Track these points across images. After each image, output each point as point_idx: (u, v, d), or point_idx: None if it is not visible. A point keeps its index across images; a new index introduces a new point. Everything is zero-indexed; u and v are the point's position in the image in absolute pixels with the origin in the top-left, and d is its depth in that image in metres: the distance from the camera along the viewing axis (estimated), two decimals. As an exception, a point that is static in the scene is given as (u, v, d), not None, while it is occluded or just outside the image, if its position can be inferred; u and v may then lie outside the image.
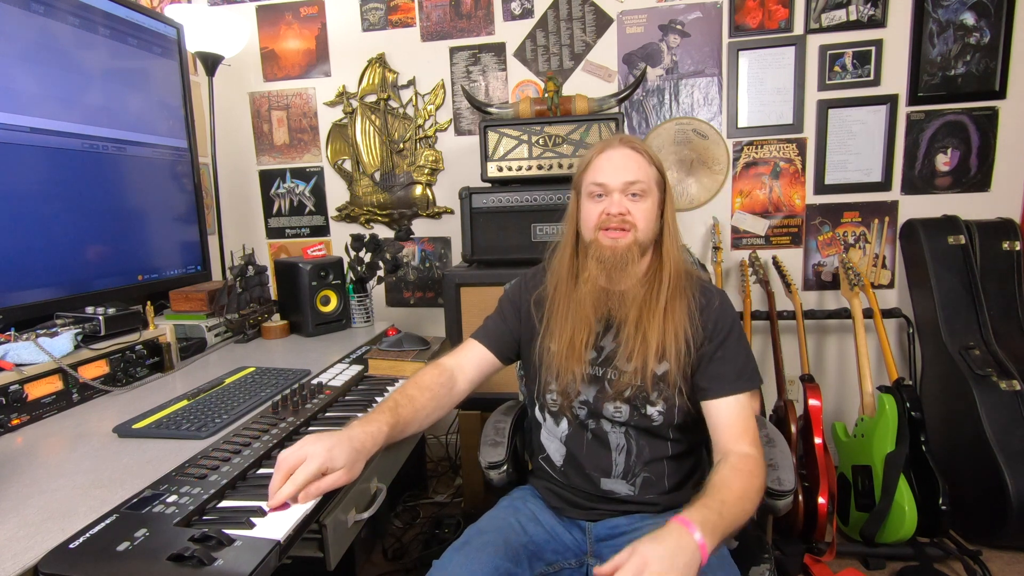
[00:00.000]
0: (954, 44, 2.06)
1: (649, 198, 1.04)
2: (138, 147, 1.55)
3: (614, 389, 1.06)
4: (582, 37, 2.26)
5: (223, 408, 1.10)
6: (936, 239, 2.05)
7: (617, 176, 1.03)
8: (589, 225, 1.06)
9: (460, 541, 0.98)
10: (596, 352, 1.09)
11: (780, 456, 1.11)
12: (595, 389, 1.08)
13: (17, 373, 1.06)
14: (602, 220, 1.03)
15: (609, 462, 1.08)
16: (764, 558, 1.04)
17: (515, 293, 1.21)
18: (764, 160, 2.23)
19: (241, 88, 2.50)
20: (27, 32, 1.25)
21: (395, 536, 1.98)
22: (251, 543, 0.69)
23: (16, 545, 0.68)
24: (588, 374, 1.08)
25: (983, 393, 1.81)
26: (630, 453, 1.08)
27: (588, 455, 1.09)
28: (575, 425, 1.11)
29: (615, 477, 1.08)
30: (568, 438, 1.12)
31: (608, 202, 1.03)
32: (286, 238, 2.60)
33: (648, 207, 1.04)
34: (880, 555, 1.76)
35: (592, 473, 1.09)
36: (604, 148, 1.08)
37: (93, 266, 1.42)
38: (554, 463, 1.14)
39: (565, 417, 1.12)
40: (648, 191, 1.04)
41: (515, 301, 1.20)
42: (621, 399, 1.06)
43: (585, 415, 1.09)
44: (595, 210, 1.05)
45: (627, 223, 1.02)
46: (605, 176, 1.04)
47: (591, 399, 1.08)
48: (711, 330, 1.04)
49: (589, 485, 1.09)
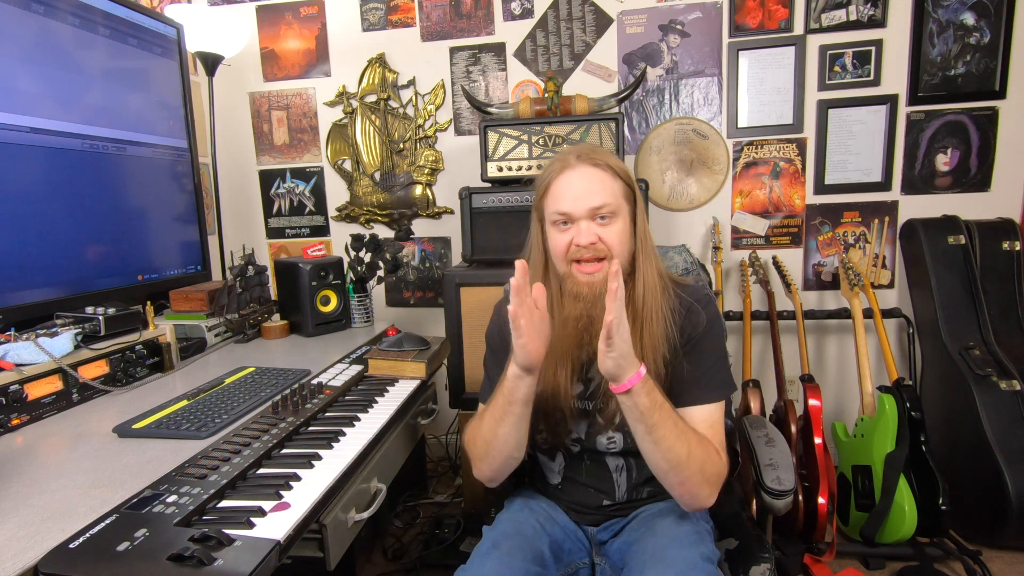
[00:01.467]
0: (954, 44, 2.06)
1: (619, 218, 0.95)
2: (138, 147, 1.55)
3: (604, 419, 1.02)
4: (582, 37, 2.26)
5: (223, 408, 1.10)
6: (936, 239, 2.05)
7: (580, 203, 0.94)
8: (559, 256, 0.98)
9: (487, 544, 0.97)
10: (583, 385, 1.04)
11: (779, 456, 1.12)
12: (586, 423, 1.05)
13: (17, 373, 1.06)
14: (572, 252, 0.95)
15: (611, 484, 1.07)
16: (764, 557, 1.04)
17: (496, 321, 1.13)
18: (764, 160, 2.23)
19: (241, 88, 2.50)
20: (27, 32, 1.25)
21: (395, 536, 1.98)
22: (251, 543, 0.69)
23: (16, 545, 0.67)
24: (577, 409, 1.04)
25: (983, 393, 1.81)
26: (631, 473, 1.07)
27: (588, 479, 1.08)
28: (570, 458, 1.09)
29: (619, 499, 1.08)
30: (565, 469, 1.10)
31: (575, 231, 0.94)
32: (286, 238, 2.60)
33: (620, 228, 0.95)
34: (880, 555, 1.76)
35: (593, 492, 1.08)
36: (562, 169, 0.97)
37: (93, 266, 1.42)
38: (551, 484, 1.13)
39: (559, 452, 1.10)
40: (618, 210, 0.95)
41: (502, 336, 1.06)
42: (613, 428, 1.02)
43: (579, 451, 1.07)
44: (562, 240, 0.96)
45: (600, 251, 0.94)
46: (567, 204, 0.94)
47: (583, 435, 1.05)
48: (684, 336, 0.99)
49: (591, 501, 1.09)
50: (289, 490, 0.84)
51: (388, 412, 1.18)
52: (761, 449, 1.15)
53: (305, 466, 0.92)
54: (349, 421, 1.12)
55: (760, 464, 1.11)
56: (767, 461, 1.11)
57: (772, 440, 1.18)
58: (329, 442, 1.01)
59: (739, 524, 1.17)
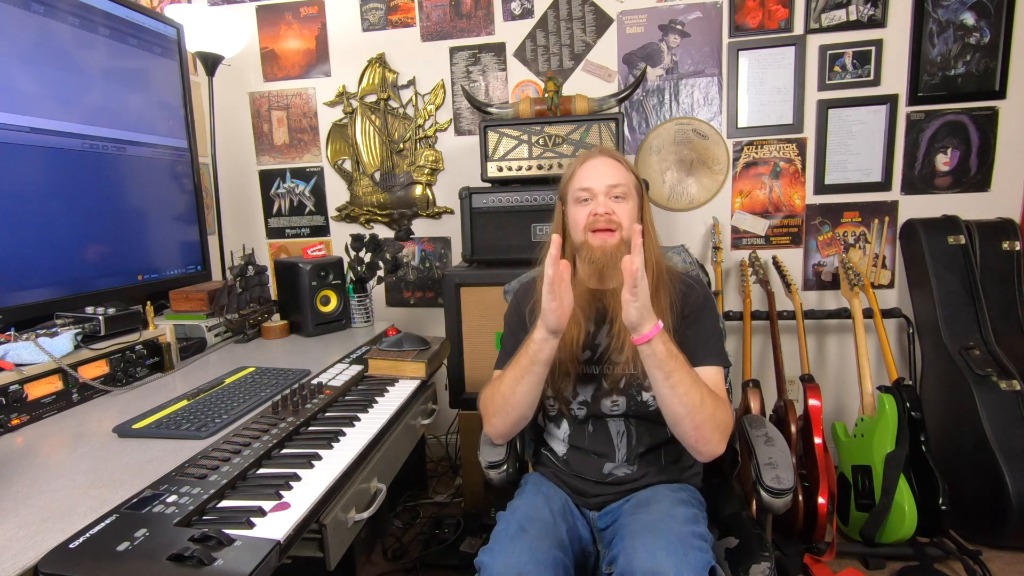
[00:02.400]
0: (954, 44, 2.06)
1: (630, 200, 1.13)
2: (138, 147, 1.55)
3: (609, 383, 1.12)
4: (582, 37, 2.26)
5: (223, 408, 1.10)
6: (936, 239, 2.05)
7: (601, 180, 1.12)
8: (579, 227, 1.12)
9: (514, 527, 0.98)
10: (590, 351, 1.15)
11: (779, 455, 1.12)
12: (592, 387, 1.14)
13: (17, 373, 1.06)
14: (590, 221, 1.10)
15: (611, 448, 1.13)
16: (764, 556, 1.04)
17: (515, 304, 1.26)
18: (764, 160, 2.23)
19: (241, 88, 2.50)
20: (27, 32, 1.25)
21: (395, 536, 1.98)
22: (251, 543, 0.69)
23: (16, 545, 0.68)
24: (583, 374, 1.14)
25: (983, 393, 1.81)
26: (631, 439, 1.13)
27: (591, 444, 1.15)
28: (575, 425, 1.16)
29: (619, 462, 1.13)
30: (570, 437, 1.17)
31: (594, 204, 1.11)
32: (286, 238, 2.60)
33: (630, 207, 1.12)
34: (880, 555, 1.76)
35: (595, 459, 1.14)
36: (586, 159, 1.17)
37: (93, 266, 1.42)
38: (557, 454, 1.19)
39: (564, 419, 1.17)
40: (629, 193, 1.12)
41: (518, 312, 1.23)
42: (617, 391, 1.12)
43: (584, 415, 1.14)
44: (583, 212, 1.12)
45: (613, 223, 1.09)
46: (590, 181, 1.12)
47: (589, 398, 1.14)
48: (685, 312, 1.12)
49: (593, 471, 1.14)
50: (289, 490, 0.84)
51: (388, 412, 1.18)
52: (760, 448, 1.16)
53: (305, 466, 0.92)
54: (349, 421, 1.12)
55: (759, 463, 1.11)
56: (766, 460, 1.11)
57: (771, 439, 1.18)
58: (329, 442, 1.01)
59: (739, 523, 1.17)
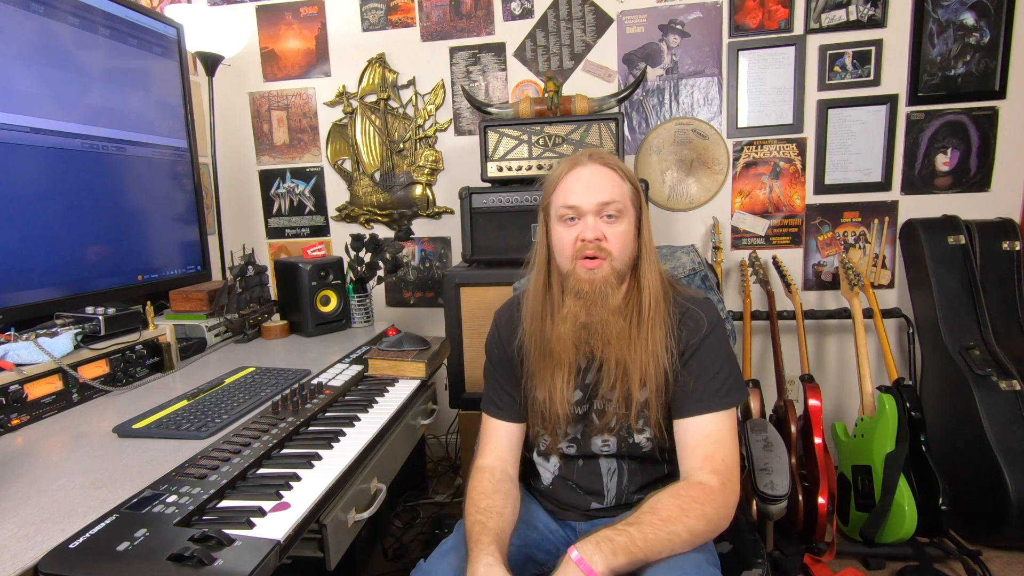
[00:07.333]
0: (954, 44, 2.06)
1: (625, 219, 0.96)
2: (138, 147, 1.55)
3: (601, 422, 1.02)
4: (582, 37, 2.26)
5: (223, 408, 1.10)
6: (936, 239, 2.05)
7: (589, 197, 0.94)
8: (565, 254, 0.97)
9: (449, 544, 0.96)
10: (581, 391, 1.04)
11: (775, 461, 1.12)
12: (582, 426, 1.05)
13: (17, 373, 1.06)
14: (578, 248, 0.95)
15: (601, 486, 1.07)
16: (757, 563, 1.03)
17: (497, 338, 1.13)
18: (764, 160, 2.23)
19: (241, 88, 2.49)
20: (27, 32, 1.25)
21: (395, 536, 1.98)
22: (251, 543, 0.69)
23: (16, 545, 0.68)
24: (574, 414, 1.04)
25: (983, 393, 1.81)
26: (621, 477, 1.07)
27: (579, 479, 1.08)
28: (565, 460, 1.10)
29: (607, 504, 1.07)
30: (560, 469, 1.11)
31: (582, 226, 0.95)
32: (286, 238, 2.60)
33: (624, 229, 0.96)
34: (880, 555, 1.76)
35: (583, 495, 1.08)
36: (573, 165, 0.98)
37: (93, 266, 1.42)
38: (543, 483, 1.13)
39: (554, 455, 1.10)
40: (624, 211, 0.96)
41: (501, 347, 1.11)
42: (608, 431, 1.03)
43: (575, 452, 1.08)
44: (568, 236, 0.96)
45: (603, 251, 0.94)
46: (576, 197, 0.95)
47: (579, 436, 1.06)
48: (682, 348, 0.98)
49: (580, 502, 1.09)
50: (289, 490, 0.84)
51: (388, 412, 1.18)
52: (758, 453, 1.15)
53: (305, 466, 0.92)
54: (349, 421, 1.12)
55: (755, 468, 1.11)
56: (762, 466, 1.11)
57: (770, 444, 1.18)
58: (329, 442, 1.01)
59: (734, 527, 1.16)
